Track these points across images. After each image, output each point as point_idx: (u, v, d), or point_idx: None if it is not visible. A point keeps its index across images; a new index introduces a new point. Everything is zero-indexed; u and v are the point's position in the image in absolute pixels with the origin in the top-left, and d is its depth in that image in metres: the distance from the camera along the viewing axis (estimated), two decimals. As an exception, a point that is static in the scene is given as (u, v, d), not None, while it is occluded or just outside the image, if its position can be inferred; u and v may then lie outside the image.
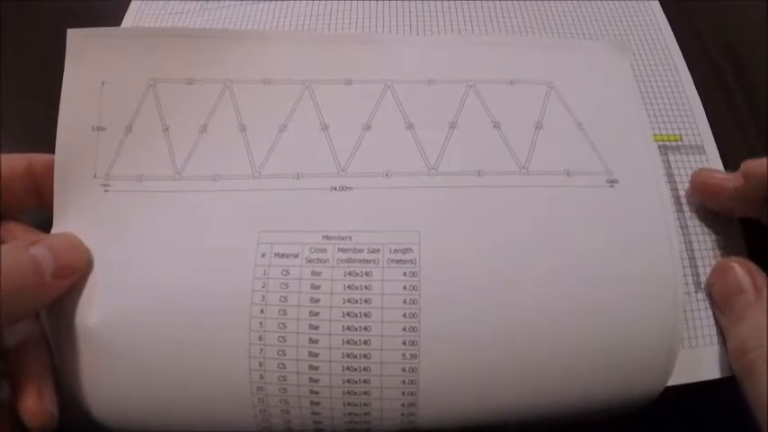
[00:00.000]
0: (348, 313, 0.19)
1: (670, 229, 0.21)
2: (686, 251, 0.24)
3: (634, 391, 0.20)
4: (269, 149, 0.22)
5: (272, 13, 0.31)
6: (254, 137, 0.23)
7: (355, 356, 0.19)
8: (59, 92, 0.22)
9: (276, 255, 0.20)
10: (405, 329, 0.19)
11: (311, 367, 0.19)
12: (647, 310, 0.20)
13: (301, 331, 0.19)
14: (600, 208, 0.21)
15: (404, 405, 0.19)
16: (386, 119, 0.23)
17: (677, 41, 0.30)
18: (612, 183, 0.22)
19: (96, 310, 0.20)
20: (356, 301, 0.19)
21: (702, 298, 0.23)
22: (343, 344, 0.19)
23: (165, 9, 0.31)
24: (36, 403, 0.18)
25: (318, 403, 0.19)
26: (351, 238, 0.20)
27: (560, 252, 0.20)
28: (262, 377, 0.19)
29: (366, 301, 0.19)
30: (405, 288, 0.20)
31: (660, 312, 0.20)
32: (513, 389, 0.19)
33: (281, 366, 0.19)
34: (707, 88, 0.28)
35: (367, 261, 0.20)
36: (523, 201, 0.21)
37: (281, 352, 0.19)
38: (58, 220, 0.22)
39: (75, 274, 0.20)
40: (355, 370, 0.19)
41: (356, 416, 0.20)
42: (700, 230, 0.24)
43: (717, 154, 0.26)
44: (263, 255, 0.20)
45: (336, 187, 0.22)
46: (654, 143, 0.23)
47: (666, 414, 0.21)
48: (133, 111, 0.23)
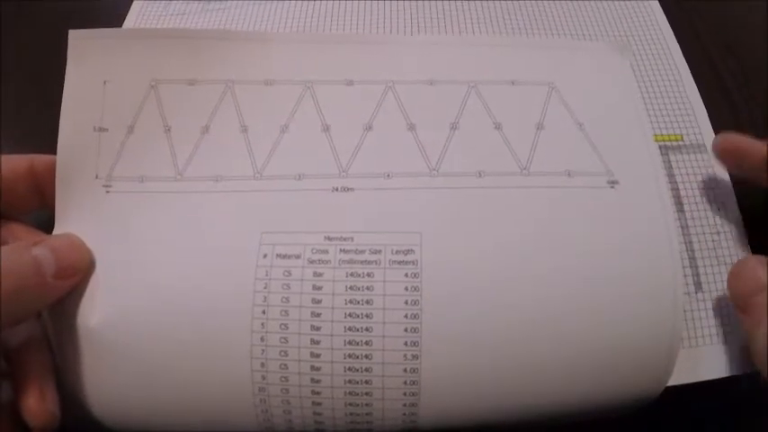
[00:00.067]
0: (350, 314, 0.19)
1: (670, 230, 0.21)
2: (687, 251, 0.24)
3: (634, 390, 0.20)
4: (270, 150, 0.22)
5: (274, 13, 0.31)
6: (255, 138, 0.23)
7: (357, 357, 0.19)
8: (60, 93, 0.22)
9: (278, 256, 0.20)
10: (406, 330, 0.19)
11: (313, 368, 0.19)
12: (647, 310, 0.20)
13: (303, 332, 0.19)
14: (600, 209, 0.21)
15: (405, 405, 0.19)
16: (387, 119, 0.23)
17: (677, 41, 0.30)
18: (613, 183, 0.22)
19: (98, 310, 0.20)
20: (358, 302, 0.19)
21: (702, 298, 0.23)
22: (345, 344, 0.19)
23: (167, 10, 0.31)
24: (38, 403, 0.18)
25: (320, 404, 0.19)
26: (352, 239, 0.20)
27: (561, 253, 0.20)
28: (264, 378, 0.19)
29: (368, 302, 0.19)
30: (406, 289, 0.20)
31: (660, 312, 0.20)
32: (514, 389, 0.20)
33: (282, 367, 0.19)
34: (707, 88, 0.28)
35: (369, 262, 0.20)
36: (524, 202, 0.21)
37: (282, 352, 0.19)
38: (59, 220, 0.22)
39: (76, 274, 0.20)
40: (357, 370, 0.19)
41: (358, 416, 0.20)
42: (700, 231, 0.24)
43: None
44: (264, 255, 0.20)
45: (338, 188, 0.22)
46: (654, 144, 0.23)
47: (667, 414, 0.21)
48: (135, 111, 0.23)
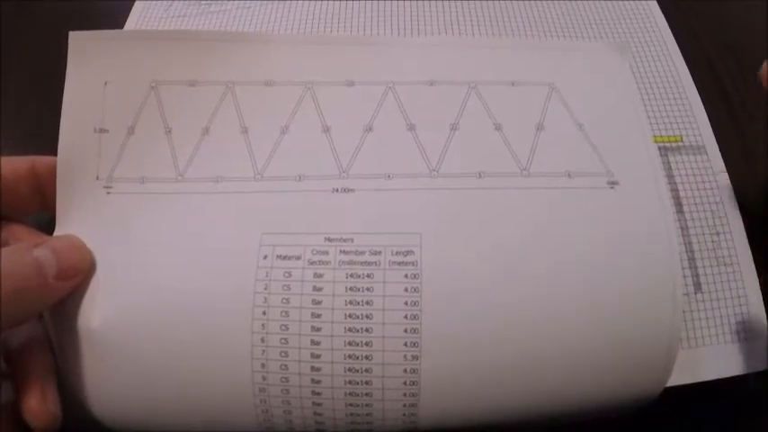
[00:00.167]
0: (350, 315, 0.19)
1: (670, 231, 0.21)
2: (686, 252, 0.24)
3: (634, 391, 0.20)
4: (271, 151, 0.22)
5: (274, 15, 0.31)
6: (255, 139, 0.23)
7: (357, 358, 0.19)
8: (61, 93, 0.22)
9: (278, 257, 0.20)
10: (406, 331, 0.19)
11: (313, 368, 0.19)
12: (646, 310, 0.20)
13: (303, 333, 0.19)
14: (600, 209, 0.21)
15: (405, 406, 0.19)
16: (387, 120, 0.23)
17: (676, 42, 0.30)
18: (613, 184, 0.22)
19: (99, 311, 0.20)
20: (358, 303, 0.19)
21: (702, 299, 0.23)
22: (345, 345, 0.19)
23: (168, 12, 0.31)
24: (39, 404, 0.18)
25: (320, 404, 0.19)
26: (352, 240, 0.20)
27: (561, 253, 0.20)
28: (264, 378, 0.19)
29: (368, 302, 0.19)
30: (406, 290, 0.20)
31: (659, 313, 0.20)
32: (514, 390, 0.20)
33: (283, 367, 0.19)
34: (706, 89, 0.28)
35: (369, 263, 0.20)
36: (524, 202, 0.21)
37: (283, 353, 0.19)
38: (60, 222, 0.22)
39: (78, 275, 0.20)
40: (357, 371, 0.19)
41: (358, 416, 0.20)
42: (700, 231, 0.24)
43: (718, 153, 0.26)
44: (264, 257, 0.20)
45: (338, 189, 0.22)
46: (654, 144, 0.23)
47: (666, 415, 0.21)
48: (135, 113, 0.23)
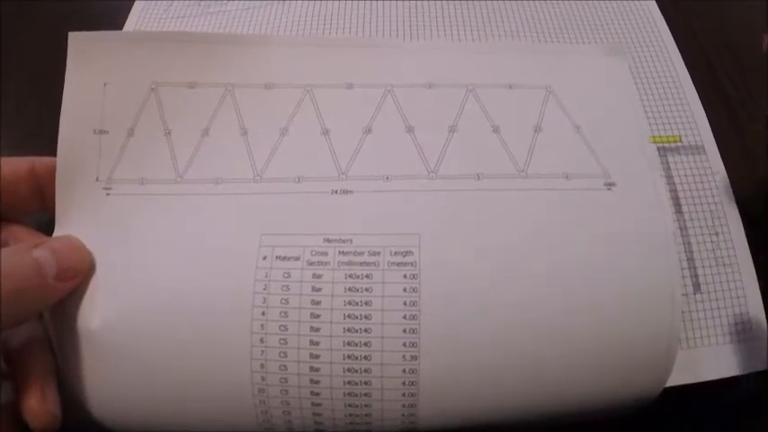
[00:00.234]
0: (349, 315, 0.19)
1: (668, 231, 0.21)
2: (685, 253, 0.24)
3: (633, 391, 0.20)
4: (270, 153, 0.22)
5: (274, 16, 0.31)
6: (255, 140, 0.23)
7: (356, 358, 0.19)
8: (61, 94, 0.22)
9: (277, 257, 0.20)
10: (405, 331, 0.19)
11: (312, 369, 0.19)
12: (645, 311, 0.20)
13: (302, 333, 0.19)
14: (598, 211, 0.21)
15: (404, 406, 0.19)
16: (386, 122, 0.23)
17: (675, 42, 0.30)
18: (610, 186, 0.22)
19: (99, 312, 0.20)
20: (357, 304, 0.19)
21: (701, 299, 0.23)
22: (344, 345, 0.19)
23: (168, 13, 0.31)
24: (39, 404, 0.18)
25: (319, 404, 0.19)
26: (351, 241, 0.20)
27: (559, 254, 0.20)
28: (263, 379, 0.19)
29: (367, 303, 0.20)
30: (405, 290, 0.20)
31: (658, 313, 0.20)
32: (513, 390, 0.20)
33: (282, 368, 0.19)
34: (705, 89, 0.28)
35: (367, 264, 0.20)
36: (522, 204, 0.21)
37: (282, 354, 0.19)
38: (60, 222, 0.22)
39: (77, 276, 0.20)
40: (356, 371, 0.19)
41: (357, 416, 0.20)
42: (699, 232, 0.24)
43: (717, 154, 0.26)
44: (264, 257, 0.20)
45: (337, 190, 0.22)
46: (652, 145, 0.23)
47: (666, 415, 0.21)
48: (135, 114, 0.23)
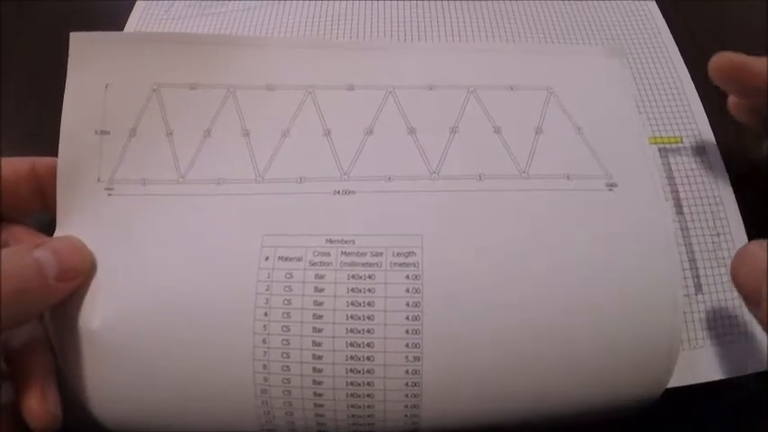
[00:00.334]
0: (351, 316, 0.19)
1: (669, 233, 0.21)
2: (686, 253, 0.24)
3: (635, 392, 0.20)
4: (272, 154, 0.22)
5: (275, 17, 0.31)
6: (257, 141, 0.23)
7: (358, 359, 0.19)
8: (61, 94, 0.22)
9: (280, 258, 0.20)
10: (408, 332, 0.19)
11: (315, 369, 0.19)
12: (646, 312, 0.20)
13: (305, 334, 0.19)
14: (599, 211, 0.21)
15: (407, 407, 0.19)
16: (388, 124, 0.23)
17: (675, 42, 0.30)
18: (612, 186, 0.22)
19: (100, 312, 0.20)
20: (359, 304, 0.19)
21: (703, 300, 0.23)
22: (347, 346, 0.19)
23: (169, 14, 0.31)
24: (39, 405, 0.18)
25: (322, 405, 0.19)
26: (354, 241, 0.20)
27: (561, 254, 0.21)
28: (266, 379, 0.19)
29: (369, 303, 0.20)
30: (407, 291, 0.20)
31: (660, 314, 0.20)
32: (515, 391, 0.20)
33: (284, 369, 0.19)
34: (705, 89, 0.28)
35: (370, 264, 0.20)
36: (524, 204, 0.21)
37: (284, 354, 0.19)
38: (61, 223, 0.22)
39: (78, 277, 0.20)
40: (358, 372, 0.19)
41: (359, 417, 0.20)
42: (700, 233, 0.24)
43: (718, 154, 0.26)
44: (266, 258, 0.20)
45: (339, 191, 0.22)
46: (653, 147, 0.23)
47: (667, 416, 0.21)
48: (137, 115, 0.23)
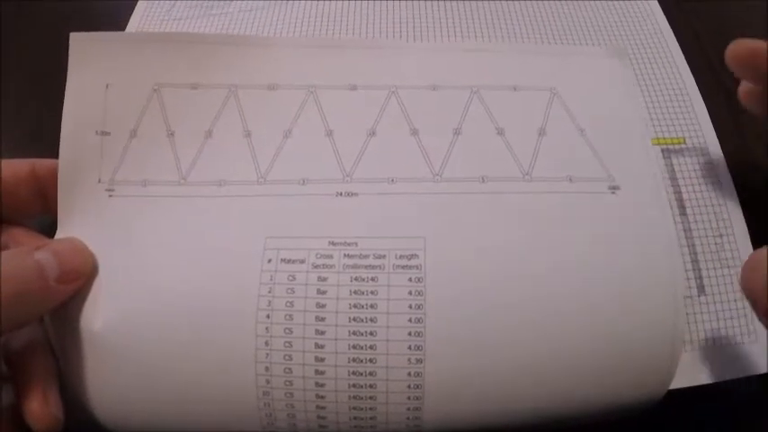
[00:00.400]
0: (354, 318, 0.19)
1: (671, 234, 0.21)
2: (689, 255, 0.24)
3: (637, 393, 0.20)
4: (274, 155, 0.22)
5: (277, 17, 0.31)
6: (259, 142, 0.23)
7: (361, 361, 0.19)
8: (62, 94, 0.22)
9: (282, 260, 0.20)
10: (410, 334, 0.19)
11: (317, 372, 0.19)
12: (649, 313, 0.20)
13: (307, 336, 0.19)
14: (602, 213, 0.21)
15: (409, 409, 0.19)
16: (390, 125, 0.23)
17: (678, 43, 0.30)
18: (614, 189, 0.22)
19: (101, 314, 0.20)
20: (362, 307, 0.19)
21: (705, 301, 0.23)
22: (349, 349, 0.19)
23: (170, 14, 0.31)
24: (41, 407, 0.18)
25: (324, 407, 0.19)
26: (357, 243, 0.20)
27: (563, 257, 0.21)
28: (268, 382, 0.19)
29: (372, 306, 0.19)
30: (410, 293, 0.20)
31: (662, 316, 0.20)
32: (518, 393, 0.20)
33: (287, 371, 0.19)
34: (708, 90, 0.28)
35: (373, 267, 0.20)
36: (526, 207, 0.21)
37: (287, 357, 0.19)
38: (62, 225, 0.22)
39: (79, 278, 0.20)
40: (361, 375, 0.19)
41: (362, 420, 0.20)
42: (703, 234, 0.24)
43: (721, 155, 0.26)
44: (269, 260, 0.20)
45: (342, 193, 0.22)
46: (656, 148, 0.23)
47: (669, 417, 0.21)
48: (137, 115, 0.23)
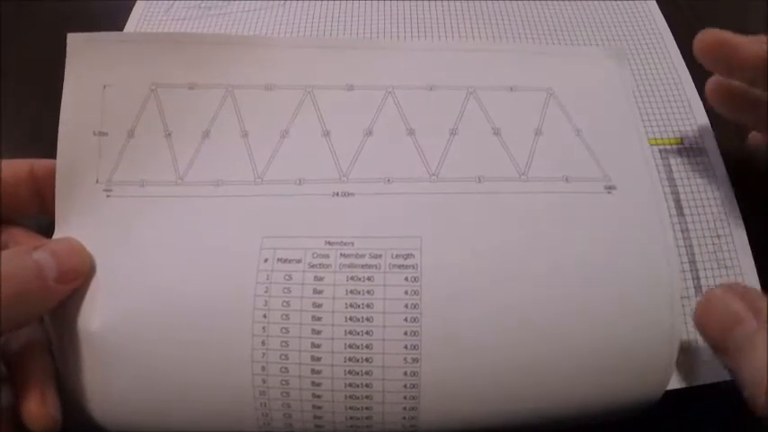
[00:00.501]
0: (350, 318, 0.19)
1: (667, 235, 0.21)
2: (687, 255, 0.24)
3: (634, 394, 0.20)
4: (271, 155, 0.22)
5: (274, 17, 0.31)
6: (255, 142, 0.23)
7: (357, 361, 0.19)
8: (61, 95, 0.22)
9: (279, 260, 0.20)
10: (406, 334, 0.19)
11: (313, 371, 0.19)
12: (646, 314, 0.20)
13: (304, 336, 0.19)
14: (598, 214, 0.21)
15: (405, 409, 0.19)
16: (387, 125, 0.23)
17: (675, 42, 0.30)
18: (610, 189, 0.22)
19: (99, 314, 0.20)
20: (358, 306, 0.19)
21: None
22: (346, 348, 0.19)
23: (168, 14, 0.31)
24: (39, 408, 0.18)
25: (320, 407, 0.19)
26: (353, 243, 0.20)
27: (559, 257, 0.21)
28: (264, 381, 0.19)
29: (368, 305, 0.20)
30: (406, 293, 0.20)
31: (659, 316, 0.20)
32: (514, 393, 0.20)
33: (283, 371, 0.19)
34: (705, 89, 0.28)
35: (369, 266, 0.20)
36: (523, 207, 0.21)
37: (283, 356, 0.19)
38: (60, 225, 0.22)
39: (77, 278, 0.20)
40: (357, 374, 0.19)
41: (358, 420, 0.20)
42: (701, 234, 0.24)
43: (719, 155, 0.26)
44: (265, 260, 0.20)
45: (338, 193, 0.22)
46: (653, 148, 0.23)
47: (666, 417, 0.21)
48: (135, 115, 0.23)
